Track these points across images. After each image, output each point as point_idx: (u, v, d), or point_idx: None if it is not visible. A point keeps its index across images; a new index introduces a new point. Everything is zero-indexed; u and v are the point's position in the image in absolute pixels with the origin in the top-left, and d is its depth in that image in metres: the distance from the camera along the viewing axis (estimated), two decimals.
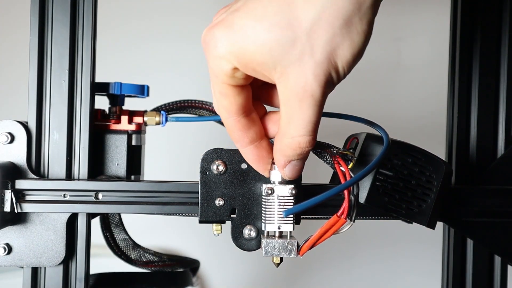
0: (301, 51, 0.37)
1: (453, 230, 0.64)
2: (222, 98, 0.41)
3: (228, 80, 0.40)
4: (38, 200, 0.52)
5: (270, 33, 0.37)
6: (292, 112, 0.39)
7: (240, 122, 0.42)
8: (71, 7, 0.54)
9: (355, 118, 0.48)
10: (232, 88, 0.40)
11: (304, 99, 0.38)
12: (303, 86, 0.38)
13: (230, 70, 0.39)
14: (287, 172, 0.44)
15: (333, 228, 0.45)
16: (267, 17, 0.37)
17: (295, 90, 0.38)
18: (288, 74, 0.38)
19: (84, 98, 0.55)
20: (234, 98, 0.41)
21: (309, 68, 0.37)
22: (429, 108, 1.19)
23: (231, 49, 0.38)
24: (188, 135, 1.17)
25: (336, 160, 0.46)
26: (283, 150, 0.42)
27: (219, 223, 0.50)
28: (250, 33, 0.37)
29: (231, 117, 0.42)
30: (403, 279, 1.24)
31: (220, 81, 0.40)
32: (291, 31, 0.37)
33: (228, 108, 0.41)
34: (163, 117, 0.62)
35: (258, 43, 0.37)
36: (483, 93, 0.63)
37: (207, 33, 0.39)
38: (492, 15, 0.63)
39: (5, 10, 1.22)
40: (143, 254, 0.66)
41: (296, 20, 0.37)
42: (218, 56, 0.39)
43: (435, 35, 1.17)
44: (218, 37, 0.38)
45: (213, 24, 0.39)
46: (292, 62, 0.37)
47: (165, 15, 1.23)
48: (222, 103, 0.41)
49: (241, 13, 0.38)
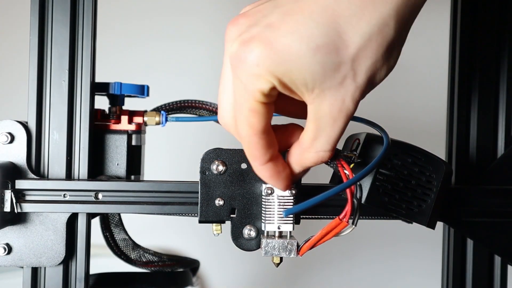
0: (344, 75, 0.37)
1: (453, 230, 0.64)
2: (252, 116, 0.39)
3: (263, 98, 0.38)
4: (38, 200, 0.52)
5: (316, 56, 0.36)
6: (322, 130, 0.39)
7: (265, 140, 0.41)
8: (71, 7, 0.54)
9: (355, 118, 0.48)
10: (264, 106, 0.39)
11: (339, 119, 0.39)
12: (340, 107, 0.38)
13: (269, 89, 0.38)
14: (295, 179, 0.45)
15: (334, 231, 0.45)
16: (313, 39, 0.36)
17: (331, 111, 0.38)
18: (325, 96, 0.38)
19: (84, 98, 0.55)
20: (264, 116, 0.39)
21: (349, 91, 0.38)
22: (429, 108, 1.19)
23: (273, 69, 0.37)
24: (188, 135, 1.17)
25: (340, 163, 0.46)
26: (303, 163, 0.42)
27: (219, 223, 0.50)
28: (294, 53, 0.36)
29: (256, 135, 0.40)
30: (403, 279, 1.24)
31: (253, 99, 0.38)
32: (337, 55, 0.37)
33: (256, 126, 0.40)
34: (163, 117, 0.62)
35: (302, 65, 0.36)
36: (483, 93, 0.63)
37: (243, 49, 0.37)
38: (492, 15, 0.63)
39: (5, 10, 1.22)
40: (143, 254, 0.66)
41: (343, 45, 0.36)
42: (258, 75, 0.37)
43: (435, 35, 1.17)
44: (258, 55, 0.37)
45: (247, 39, 0.37)
46: (333, 85, 0.37)
47: (165, 15, 1.23)
48: (250, 121, 0.39)
49: (283, 32, 0.36)
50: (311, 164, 0.42)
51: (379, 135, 0.48)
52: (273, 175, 0.43)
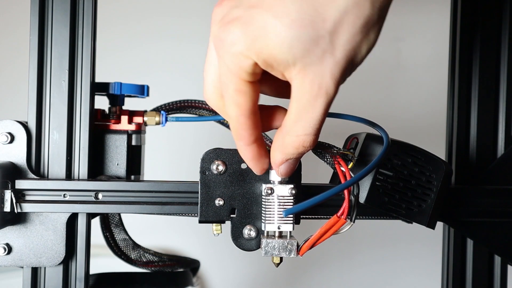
0: (323, 49, 0.37)
1: (453, 230, 0.64)
2: (238, 96, 0.40)
3: (247, 76, 0.39)
4: (38, 200, 0.52)
5: (291, 30, 0.37)
6: (303, 110, 0.39)
7: (251, 120, 0.41)
8: (71, 7, 0.54)
9: (355, 118, 0.48)
10: (249, 85, 0.40)
11: (319, 97, 0.39)
12: (319, 84, 0.38)
13: (251, 66, 0.39)
14: (282, 170, 0.44)
15: (333, 228, 0.45)
16: (288, 14, 0.37)
17: (311, 88, 0.38)
18: (306, 71, 0.38)
19: (84, 98, 0.55)
20: (250, 95, 0.40)
21: (328, 66, 0.38)
22: (429, 108, 1.19)
23: (252, 46, 0.38)
24: (188, 135, 1.17)
25: (336, 160, 0.46)
26: (284, 148, 0.42)
27: (219, 223, 0.50)
28: (271, 29, 0.37)
29: (243, 115, 0.41)
30: (403, 279, 1.24)
31: (237, 78, 0.40)
32: (314, 29, 0.37)
33: (243, 106, 0.41)
34: (163, 117, 0.62)
35: (279, 39, 0.37)
36: (483, 93, 0.63)
37: (222, 30, 0.39)
38: (492, 15, 0.63)
39: (5, 10, 1.22)
40: (143, 254, 0.66)
41: (319, 19, 0.37)
42: (237, 53, 0.38)
43: (435, 35, 1.17)
44: (236, 33, 0.38)
45: (227, 21, 0.39)
46: (313, 61, 0.38)
47: (165, 15, 1.23)
48: (236, 101, 0.40)
49: (259, 10, 0.38)
50: (293, 150, 0.41)
51: (379, 135, 0.48)
52: (255, 156, 0.43)
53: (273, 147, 0.43)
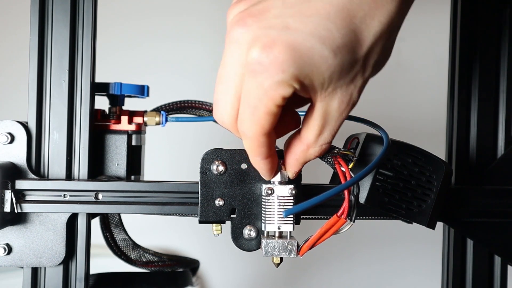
0: (356, 72, 0.38)
1: (453, 230, 0.64)
2: (266, 118, 0.38)
3: (282, 102, 0.38)
4: (38, 200, 0.52)
5: (337, 58, 0.36)
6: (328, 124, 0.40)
7: (272, 138, 0.41)
8: (71, 7, 0.54)
9: (355, 118, 0.48)
10: (280, 108, 0.38)
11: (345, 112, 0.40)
12: (348, 101, 0.39)
13: (290, 94, 0.37)
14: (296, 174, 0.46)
15: (333, 228, 0.45)
16: (333, 40, 0.36)
17: (339, 106, 0.39)
18: (336, 93, 0.38)
19: (84, 98, 0.55)
20: (277, 117, 0.39)
21: (357, 86, 0.39)
22: (429, 108, 1.19)
23: (298, 74, 0.36)
24: (188, 135, 1.17)
25: (336, 160, 0.46)
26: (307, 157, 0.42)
27: (219, 223, 0.50)
28: (317, 56, 0.36)
29: (265, 135, 0.40)
30: (403, 279, 1.24)
31: (273, 103, 0.37)
32: (353, 54, 0.37)
33: (268, 127, 0.39)
34: (163, 117, 0.62)
35: (325, 67, 0.36)
36: (483, 93, 0.63)
37: (266, 55, 0.36)
38: (492, 15, 0.63)
39: (5, 10, 1.22)
40: (143, 254, 0.66)
41: (358, 44, 0.37)
42: (282, 81, 0.36)
43: (435, 35, 1.17)
44: (283, 61, 0.36)
45: (267, 44, 0.36)
46: (345, 83, 0.38)
47: (165, 15, 1.23)
48: (263, 123, 0.39)
49: (304, 35, 0.36)
50: (312, 158, 0.43)
51: (379, 135, 0.48)
52: (272, 168, 0.44)
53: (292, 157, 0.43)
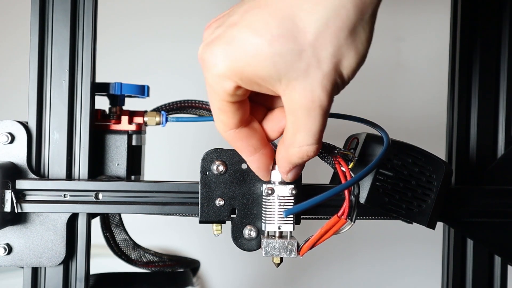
0: (307, 63, 0.37)
1: (453, 230, 0.64)
2: (221, 114, 0.40)
3: (229, 97, 0.39)
4: (38, 200, 0.52)
5: (273, 46, 0.36)
6: (299, 123, 0.39)
7: (240, 133, 0.42)
8: (71, 7, 0.54)
9: (355, 118, 0.48)
10: (232, 105, 0.40)
11: (313, 110, 0.38)
12: (311, 98, 0.38)
13: (232, 88, 0.38)
14: (290, 176, 0.44)
15: (333, 229, 0.45)
16: (268, 30, 0.36)
17: (303, 102, 0.38)
18: (294, 86, 0.37)
19: (84, 98, 0.55)
20: (233, 114, 0.40)
21: (316, 80, 0.37)
22: (429, 108, 1.19)
23: (233, 66, 0.37)
24: (188, 135, 1.17)
25: (337, 160, 0.46)
26: (289, 158, 0.42)
27: (219, 223, 0.50)
28: (251, 48, 0.36)
29: (229, 131, 0.41)
30: (403, 279, 1.24)
31: (220, 99, 0.39)
32: (295, 43, 0.36)
33: (227, 123, 0.41)
34: (163, 117, 0.62)
35: (261, 57, 0.36)
36: (483, 93, 0.63)
37: (205, 51, 0.38)
38: (492, 15, 0.63)
39: (5, 10, 1.22)
40: (143, 254, 0.66)
41: (300, 33, 0.36)
42: (219, 75, 0.38)
43: (435, 35, 1.17)
44: (217, 54, 0.37)
45: (209, 41, 0.38)
46: (298, 75, 0.37)
47: (165, 15, 1.23)
48: (220, 118, 0.41)
49: (240, 28, 0.37)
50: (299, 160, 0.42)
51: (379, 135, 0.48)
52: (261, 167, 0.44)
53: (278, 157, 0.43)
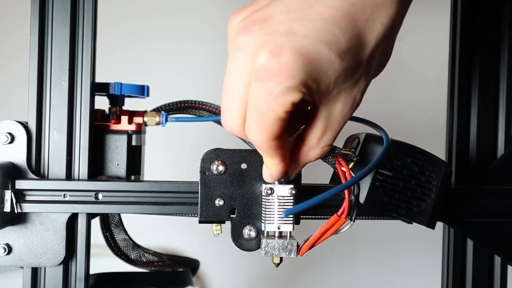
0: (360, 75, 0.38)
1: (453, 230, 0.64)
2: (275, 124, 0.38)
3: (291, 108, 0.37)
4: (38, 200, 0.52)
5: (342, 62, 0.36)
6: (331, 127, 0.40)
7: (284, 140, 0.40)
8: (71, 7, 0.54)
9: (355, 118, 0.48)
10: (288, 114, 0.38)
11: (348, 115, 0.40)
12: (352, 104, 0.39)
13: (300, 98, 0.37)
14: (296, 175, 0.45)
15: (333, 228, 0.45)
16: (338, 43, 0.36)
17: (343, 109, 0.39)
18: (340, 96, 0.38)
19: (84, 98, 0.55)
20: (286, 122, 0.38)
21: (361, 89, 0.39)
22: (429, 108, 1.19)
23: (307, 80, 0.36)
24: (188, 135, 1.17)
25: (337, 160, 0.46)
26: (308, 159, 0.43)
27: (219, 223, 0.50)
28: (325, 61, 0.36)
29: (275, 139, 0.39)
30: (403, 279, 1.24)
31: (282, 109, 0.37)
32: (358, 58, 0.37)
33: (277, 132, 0.39)
34: (163, 118, 0.62)
35: (332, 72, 0.36)
36: (483, 93, 0.63)
37: (274, 60, 0.35)
38: (492, 15, 0.63)
39: (5, 10, 1.22)
40: (143, 254, 0.66)
41: (361, 47, 0.37)
42: (292, 87, 0.36)
43: (435, 35, 1.17)
44: (293, 67, 0.35)
45: (275, 50, 0.35)
46: (349, 86, 0.38)
47: (165, 15, 1.23)
48: (272, 128, 0.38)
49: (311, 40, 0.35)
50: (313, 159, 0.43)
51: (378, 135, 0.48)
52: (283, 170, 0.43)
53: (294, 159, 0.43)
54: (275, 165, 0.42)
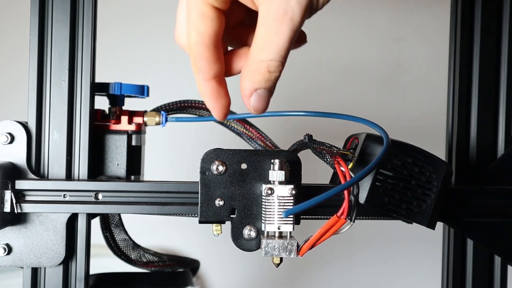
0: None
1: (453, 230, 0.64)
2: (199, 20, 0.39)
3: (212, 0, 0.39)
4: (38, 200, 0.52)
5: None
6: (268, 36, 0.39)
7: (210, 51, 0.40)
8: (71, 7, 0.54)
9: (355, 118, 0.48)
10: (213, 10, 0.39)
11: (284, 22, 0.38)
12: (284, 9, 0.38)
13: None
14: (253, 102, 0.42)
15: (333, 228, 0.45)
16: None
17: (277, 13, 0.38)
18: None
19: (84, 98, 0.55)
20: (212, 22, 0.39)
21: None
22: (429, 108, 1.19)
23: None
24: (188, 135, 1.17)
25: (336, 160, 0.46)
26: (251, 75, 0.40)
27: (219, 223, 0.50)
28: None
29: (203, 43, 0.40)
30: (403, 279, 1.24)
31: (202, 1, 0.39)
32: None
33: (203, 32, 0.39)
34: (163, 117, 0.62)
35: None
36: (483, 93, 0.63)
37: None
38: (492, 15, 0.63)
39: (5, 10, 1.22)
40: (143, 254, 0.66)
41: None
42: None
43: (435, 35, 1.17)
44: None
45: None
46: None
47: (165, 15, 1.23)
48: (197, 25, 0.39)
49: None
50: (260, 77, 0.40)
51: (379, 135, 0.48)
52: (213, 93, 0.42)
53: (241, 77, 0.42)
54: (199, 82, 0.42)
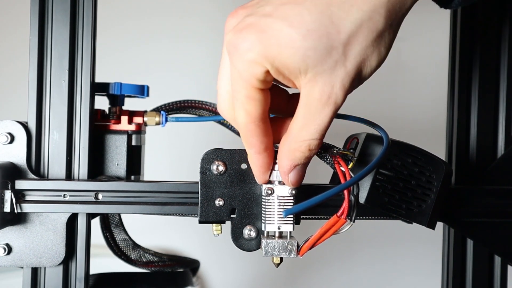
0: (336, 60, 0.38)
1: (453, 230, 0.64)
2: (248, 103, 0.41)
3: (258, 84, 0.40)
4: (38, 200, 0.52)
5: (306, 40, 0.37)
6: (310, 117, 0.40)
7: (261, 128, 0.42)
8: (71, 7, 0.54)
9: (355, 118, 0.48)
10: (260, 92, 0.40)
11: (327, 106, 0.40)
12: (329, 93, 0.39)
13: (263, 73, 0.39)
14: (292, 178, 0.44)
15: (333, 228, 0.45)
16: (304, 24, 0.37)
17: (320, 97, 0.39)
18: (317, 80, 0.39)
19: (84, 98, 0.55)
20: (260, 103, 0.41)
21: (339, 77, 0.39)
22: (429, 108, 1.19)
23: (265, 53, 0.38)
24: (188, 135, 1.17)
25: (336, 160, 0.46)
26: (291, 153, 0.42)
27: (219, 223, 0.50)
28: (285, 38, 0.38)
29: (253, 122, 0.41)
30: (403, 279, 1.24)
31: (249, 85, 0.40)
32: (329, 40, 0.38)
33: (253, 113, 0.41)
34: (163, 117, 0.62)
35: (293, 49, 0.38)
36: (483, 93, 0.63)
37: (237, 36, 0.39)
38: (492, 15, 0.63)
39: (5, 10, 1.22)
40: (143, 254, 0.66)
41: (334, 30, 0.38)
42: (251, 60, 0.39)
43: (435, 35, 1.17)
44: (250, 40, 0.38)
45: (241, 28, 0.39)
46: (324, 70, 0.38)
47: (165, 15, 1.23)
48: (246, 108, 0.41)
49: (275, 19, 0.38)
50: (300, 155, 0.42)
51: (379, 135, 0.48)
52: (264, 166, 0.44)
53: (280, 155, 0.43)
54: (253, 156, 0.44)
